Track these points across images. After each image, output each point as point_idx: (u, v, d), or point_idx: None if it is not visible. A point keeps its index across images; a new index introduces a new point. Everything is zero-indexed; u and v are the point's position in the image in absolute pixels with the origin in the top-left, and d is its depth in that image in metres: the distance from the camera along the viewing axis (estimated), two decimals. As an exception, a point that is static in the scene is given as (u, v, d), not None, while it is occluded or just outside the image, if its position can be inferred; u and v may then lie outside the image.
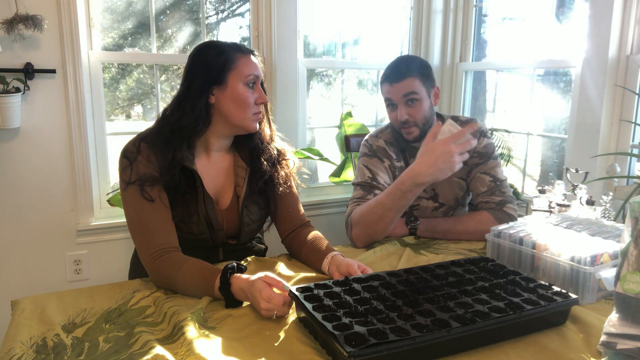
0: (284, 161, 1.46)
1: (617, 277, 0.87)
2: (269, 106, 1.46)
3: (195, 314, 1.02)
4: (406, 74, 1.65)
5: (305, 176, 1.59)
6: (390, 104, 1.69)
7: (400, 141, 1.76)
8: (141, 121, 2.59)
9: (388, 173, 1.71)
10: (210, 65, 1.31)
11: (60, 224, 2.20)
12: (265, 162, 1.41)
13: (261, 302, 1.02)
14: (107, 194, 2.24)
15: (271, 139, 1.45)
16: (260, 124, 1.41)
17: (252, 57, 1.35)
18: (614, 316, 0.88)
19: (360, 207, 1.58)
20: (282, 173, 1.44)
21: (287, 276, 1.25)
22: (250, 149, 1.42)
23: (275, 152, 1.45)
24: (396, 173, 1.72)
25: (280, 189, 1.43)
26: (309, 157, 2.58)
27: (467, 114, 2.99)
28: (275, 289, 1.05)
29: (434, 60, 2.94)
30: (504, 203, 1.64)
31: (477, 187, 1.68)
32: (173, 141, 1.29)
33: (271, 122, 1.46)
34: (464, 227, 1.62)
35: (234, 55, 1.32)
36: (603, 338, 0.87)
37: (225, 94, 1.31)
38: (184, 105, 1.31)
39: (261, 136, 1.43)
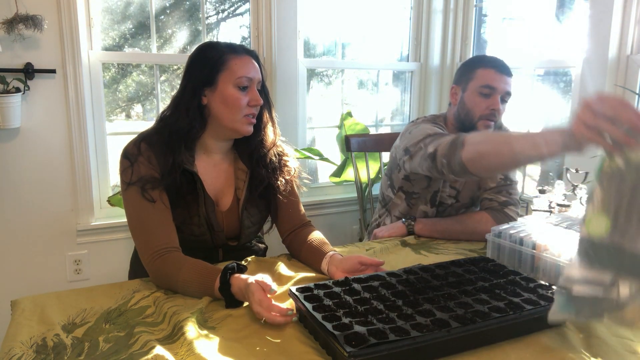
0: (285, 167, 1.44)
1: (583, 220, 0.84)
2: (273, 110, 1.42)
3: (195, 314, 1.02)
4: (510, 73, 1.64)
5: (306, 180, 1.59)
6: (489, 93, 1.61)
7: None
8: (141, 121, 2.59)
9: None
10: (203, 65, 1.30)
11: (60, 224, 2.20)
12: (265, 169, 1.39)
13: (253, 305, 1.02)
14: (109, 198, 2.24)
15: (273, 144, 1.42)
16: (262, 130, 1.39)
17: (248, 58, 1.32)
18: (575, 260, 0.84)
19: (473, 134, 1.35)
20: (283, 180, 1.42)
21: (287, 276, 1.25)
22: (250, 151, 1.41)
23: (277, 158, 1.42)
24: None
25: (281, 196, 1.42)
26: (309, 157, 2.58)
27: (467, 114, 2.99)
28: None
29: (434, 60, 2.95)
30: (508, 204, 1.64)
31: (487, 182, 1.68)
32: (172, 143, 1.28)
33: (276, 126, 1.43)
34: (462, 228, 1.61)
35: (226, 55, 1.30)
36: (560, 281, 0.85)
37: (215, 95, 1.30)
38: (180, 106, 1.30)
39: (263, 140, 1.41)
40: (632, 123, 0.78)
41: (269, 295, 1.03)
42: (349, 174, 2.69)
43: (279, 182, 1.41)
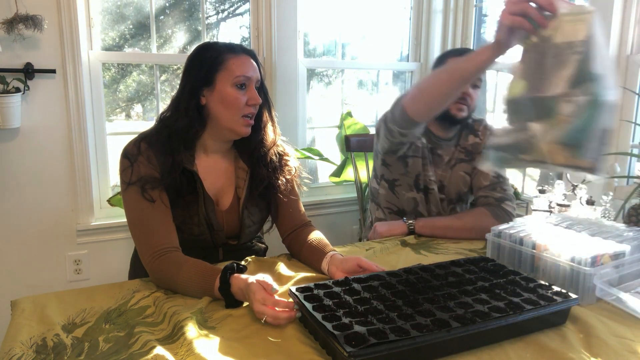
0: (285, 167, 1.44)
1: (506, 88, 1.01)
2: (272, 109, 1.43)
3: (195, 314, 1.02)
4: None
5: (307, 180, 1.58)
6: None
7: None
8: (141, 121, 2.59)
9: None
10: (202, 66, 1.30)
11: (60, 224, 2.20)
12: (265, 169, 1.39)
13: (255, 304, 1.02)
14: (109, 198, 2.24)
15: (274, 143, 1.42)
16: (262, 129, 1.39)
17: (246, 57, 1.32)
18: (501, 123, 1.03)
19: None
20: (283, 179, 1.42)
21: (287, 276, 1.25)
22: (250, 150, 1.41)
23: (277, 157, 1.42)
24: (418, 147, 1.72)
25: (281, 195, 1.42)
26: (309, 157, 2.58)
27: (467, 114, 3.00)
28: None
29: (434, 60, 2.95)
30: (503, 200, 1.66)
31: (480, 181, 1.71)
32: (172, 143, 1.28)
33: (276, 126, 1.43)
34: (462, 224, 1.62)
35: (224, 55, 1.30)
36: (490, 142, 1.04)
37: (214, 94, 1.30)
38: (179, 107, 1.30)
39: (263, 140, 1.41)
40: (546, 7, 0.97)
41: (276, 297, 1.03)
42: (348, 174, 2.69)
43: (279, 182, 1.41)
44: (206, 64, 1.30)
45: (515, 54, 1.05)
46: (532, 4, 0.98)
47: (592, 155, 0.94)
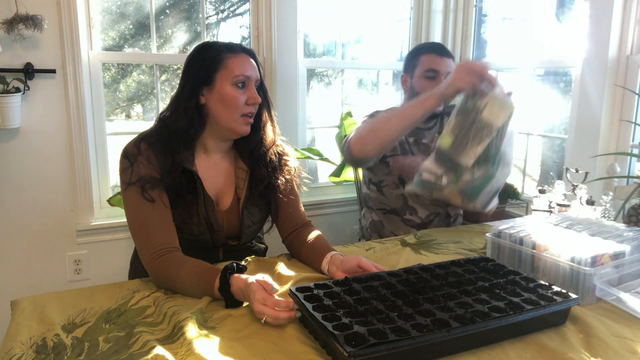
0: (285, 167, 1.44)
1: (440, 135, 1.31)
2: (272, 109, 1.43)
3: (195, 314, 1.02)
4: (450, 55, 1.79)
5: (307, 180, 1.59)
6: (433, 75, 1.76)
7: None
8: (141, 121, 2.59)
9: None
10: (201, 65, 1.30)
11: (60, 224, 2.20)
12: (265, 168, 1.39)
13: (255, 304, 1.02)
14: (109, 198, 2.24)
15: (273, 143, 1.42)
16: (262, 129, 1.40)
17: (246, 56, 1.33)
18: (430, 159, 1.34)
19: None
20: (283, 179, 1.42)
21: (287, 276, 1.25)
22: (250, 150, 1.41)
23: (277, 157, 1.42)
24: (397, 146, 1.79)
25: (281, 195, 1.42)
26: (309, 157, 2.58)
27: (467, 114, 2.99)
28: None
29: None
30: None
31: None
32: (172, 143, 1.28)
33: (276, 126, 1.44)
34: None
35: (223, 54, 1.30)
36: (420, 169, 1.35)
37: (213, 94, 1.30)
38: (179, 107, 1.30)
39: (263, 139, 1.41)
40: (489, 81, 1.27)
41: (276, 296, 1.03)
42: (348, 174, 2.69)
43: (279, 182, 1.41)
44: (205, 63, 1.30)
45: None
46: (478, 77, 1.26)
47: (482, 203, 1.32)
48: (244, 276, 1.09)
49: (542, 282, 1.09)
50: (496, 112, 1.23)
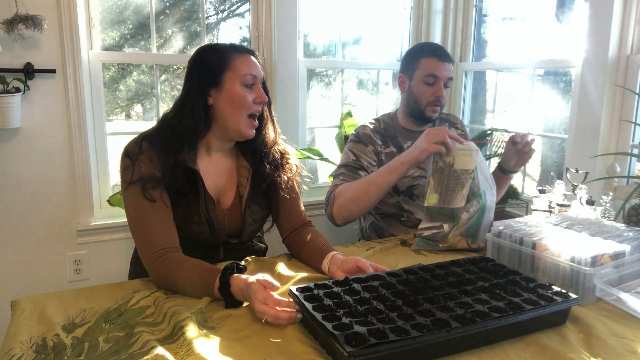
0: (287, 165, 1.45)
1: (425, 197, 1.47)
2: (272, 108, 1.44)
3: (195, 314, 1.02)
4: (451, 59, 1.79)
5: (307, 179, 1.59)
6: (433, 81, 1.76)
7: (391, 129, 1.85)
8: (141, 121, 2.59)
9: (372, 156, 1.78)
10: (207, 66, 1.31)
11: (60, 224, 2.20)
12: (268, 166, 1.41)
13: (256, 303, 1.01)
14: (109, 198, 2.24)
15: (275, 141, 1.44)
16: (264, 128, 1.40)
17: (250, 56, 1.34)
18: (424, 220, 1.50)
19: (345, 184, 1.66)
20: (285, 177, 1.43)
21: (287, 276, 1.25)
22: (253, 150, 1.42)
23: (279, 155, 1.44)
24: (382, 157, 1.80)
25: (283, 193, 1.43)
26: (309, 157, 2.58)
27: (467, 113, 3.00)
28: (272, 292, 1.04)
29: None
30: None
31: None
32: (174, 143, 1.29)
33: (276, 125, 1.45)
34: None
35: (230, 55, 1.31)
36: (416, 233, 1.51)
37: (222, 94, 1.31)
38: (184, 108, 1.31)
39: (265, 139, 1.42)
40: (455, 140, 1.45)
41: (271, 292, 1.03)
42: (349, 174, 2.69)
43: (281, 180, 1.42)
44: (212, 64, 1.30)
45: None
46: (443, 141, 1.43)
47: (482, 239, 1.44)
48: (244, 276, 1.09)
49: (542, 282, 1.09)
50: (465, 160, 1.43)
